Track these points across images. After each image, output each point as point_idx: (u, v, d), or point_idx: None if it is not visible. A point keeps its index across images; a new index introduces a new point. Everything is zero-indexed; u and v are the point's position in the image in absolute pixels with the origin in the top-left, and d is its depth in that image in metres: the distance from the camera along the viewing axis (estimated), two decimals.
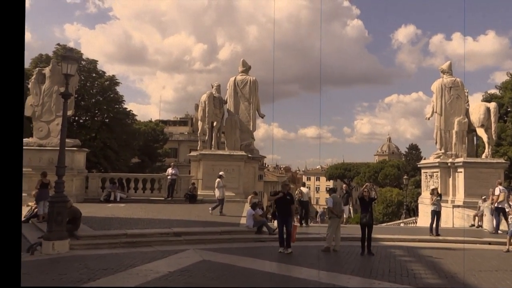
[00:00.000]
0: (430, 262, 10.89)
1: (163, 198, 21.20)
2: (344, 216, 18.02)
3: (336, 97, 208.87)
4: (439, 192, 17.31)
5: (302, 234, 13.79)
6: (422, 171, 26.67)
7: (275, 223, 17.17)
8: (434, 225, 15.23)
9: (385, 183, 72.70)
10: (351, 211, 22.57)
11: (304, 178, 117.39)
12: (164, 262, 9.76)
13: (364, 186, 12.83)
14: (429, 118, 25.06)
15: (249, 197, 20.43)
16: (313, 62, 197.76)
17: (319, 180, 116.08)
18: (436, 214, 15.36)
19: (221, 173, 18.93)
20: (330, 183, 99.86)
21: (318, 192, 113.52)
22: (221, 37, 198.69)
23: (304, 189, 18.88)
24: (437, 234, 15.10)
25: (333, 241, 12.01)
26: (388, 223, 38.48)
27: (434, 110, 24.21)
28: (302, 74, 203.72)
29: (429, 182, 24.72)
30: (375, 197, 13.43)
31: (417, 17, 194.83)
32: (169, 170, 21.82)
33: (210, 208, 17.30)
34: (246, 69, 25.64)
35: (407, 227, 29.32)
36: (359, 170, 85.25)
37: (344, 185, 24.39)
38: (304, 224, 17.15)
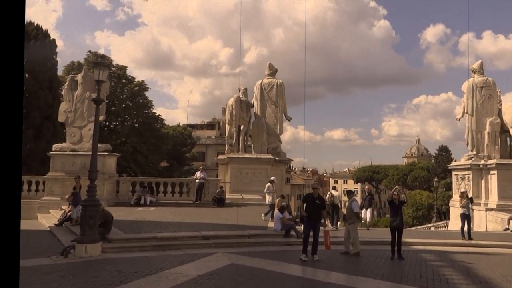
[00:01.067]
0: (463, 267, 10.59)
1: (191, 202, 21.44)
2: (368, 219, 17.64)
3: (363, 98, 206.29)
4: (469, 194, 16.91)
5: (331, 238, 13.66)
6: (453, 173, 25.98)
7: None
8: (465, 229, 14.83)
9: (415, 186, 71.08)
10: (375, 214, 21.79)
11: (331, 181, 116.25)
12: (193, 265, 9.86)
13: (394, 189, 12.60)
14: (459, 119, 24.42)
15: (277, 200, 20.43)
16: (340, 64, 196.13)
17: (346, 183, 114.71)
18: (466, 218, 15.00)
19: (272, 178, 19.01)
20: (358, 186, 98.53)
21: (345, 195, 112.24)
22: (248, 40, 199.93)
23: (335, 192, 18.78)
24: (470, 238, 14.68)
25: (351, 245, 11.87)
26: (418, 227, 37.61)
27: (465, 111, 23.57)
28: (328, 76, 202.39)
29: (460, 184, 24.06)
30: (405, 200, 13.18)
31: (446, 15, 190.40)
32: (198, 174, 22.05)
33: (262, 214, 17.13)
34: (273, 72, 25.70)
35: (438, 231, 28.55)
36: (387, 173, 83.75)
37: (366, 187, 23.83)
38: (334, 227, 17.02)
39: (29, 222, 18.00)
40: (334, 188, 22.99)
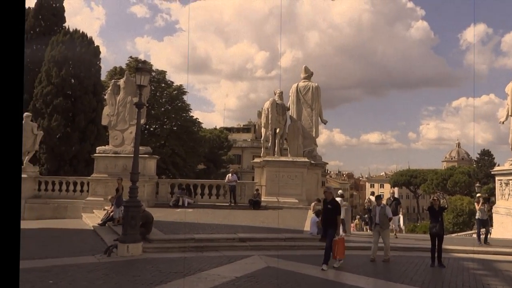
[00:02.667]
0: (508, 276, 10.17)
1: (227, 204, 21.70)
2: (394, 227, 16.23)
3: (400, 101, 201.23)
4: (482, 199, 16.42)
5: (370, 244, 13.50)
6: (497, 178, 24.83)
7: (340, 231, 17.05)
8: (483, 235, 14.80)
9: (455, 191, 68.64)
10: (401, 220, 19.47)
11: (368, 185, 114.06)
12: (230, 267, 10.00)
13: (434, 195, 12.29)
14: (503, 122, 23.33)
15: (312, 204, 20.34)
16: (376, 66, 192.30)
17: (383, 187, 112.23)
18: (482, 223, 14.97)
19: (340, 192, 19.29)
20: (395, 190, 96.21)
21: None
22: (283, 44, 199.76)
23: (373, 198, 18.44)
24: (486, 243, 14.63)
25: (378, 250, 11.65)
26: (459, 234, 36.32)
27: (509, 113, 22.52)
28: (364, 79, 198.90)
29: (504, 190, 22.99)
30: (445, 206, 12.82)
31: (488, 14, 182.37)
32: (229, 176, 22.31)
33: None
34: (308, 75, 25.61)
35: (472, 238, 27.42)
36: (426, 177, 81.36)
37: (391, 190, 23.05)
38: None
39: (74, 222, 18.88)
40: (373, 194, 22.53)
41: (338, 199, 17.78)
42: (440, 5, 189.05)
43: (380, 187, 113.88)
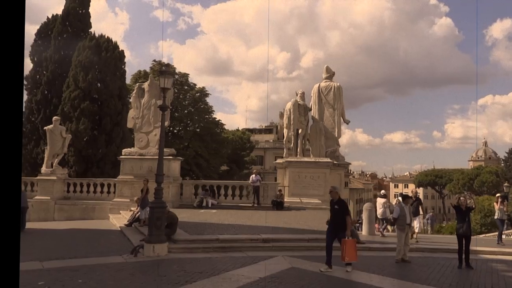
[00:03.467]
0: None
1: (250, 205, 21.79)
2: (415, 229, 15.36)
3: (423, 100, 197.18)
4: (501, 198, 16.02)
5: (391, 245, 13.32)
6: None
7: (363, 230, 16.87)
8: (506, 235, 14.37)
9: (482, 191, 66.86)
10: (421, 222, 18.15)
11: (392, 185, 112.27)
12: (255, 268, 10.04)
13: (461, 194, 12.04)
14: None
15: None
16: (399, 65, 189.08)
17: (407, 187, 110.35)
18: (502, 223, 15.03)
19: (382, 192, 19.34)
20: (420, 191, 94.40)
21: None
22: (304, 44, 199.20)
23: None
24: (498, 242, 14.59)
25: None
26: (487, 235, 35.33)
27: None
28: (387, 77, 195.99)
29: None
30: (473, 206, 12.53)
31: None
32: (253, 177, 22.40)
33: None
34: (330, 75, 25.45)
35: (509, 239, 26.63)
36: (452, 177, 79.53)
37: (412, 190, 22.46)
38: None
39: (101, 222, 19.33)
40: (401, 194, 21.96)
41: (381, 200, 17.76)
42: (465, 1, 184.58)
43: (405, 187, 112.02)
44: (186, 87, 39.20)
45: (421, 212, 15.80)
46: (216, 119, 41.66)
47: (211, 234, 13.57)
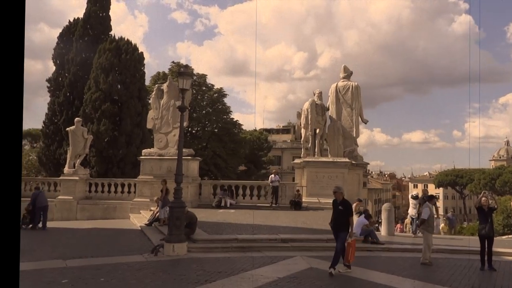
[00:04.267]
0: None
1: (268, 205, 21.83)
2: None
3: (443, 98, 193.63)
4: None
5: (413, 245, 13.20)
6: None
7: (382, 231, 16.72)
8: None
9: (504, 191, 65.26)
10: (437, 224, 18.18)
11: (411, 185, 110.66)
12: (273, 268, 10.07)
13: (482, 194, 11.81)
14: None
15: (354, 204, 20.06)
16: (417, 63, 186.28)
17: (427, 187, 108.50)
18: None
19: (415, 193, 19.38)
20: (440, 191, 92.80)
21: (416, 200, 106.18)
22: (321, 44, 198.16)
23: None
24: None
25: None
26: (510, 236, 34.57)
27: None
28: (405, 76, 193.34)
29: None
30: (496, 206, 12.28)
31: None
32: (272, 177, 22.43)
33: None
34: (348, 74, 25.31)
35: None
36: (473, 177, 77.84)
37: (422, 189, 22.09)
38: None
39: (122, 222, 19.65)
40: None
41: (413, 200, 17.77)
42: None
43: (424, 187, 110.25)
44: (204, 88, 39.49)
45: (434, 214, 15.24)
46: (234, 120, 41.84)
47: (230, 234, 13.66)
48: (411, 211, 17.84)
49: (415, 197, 18.41)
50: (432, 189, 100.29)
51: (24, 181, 25.18)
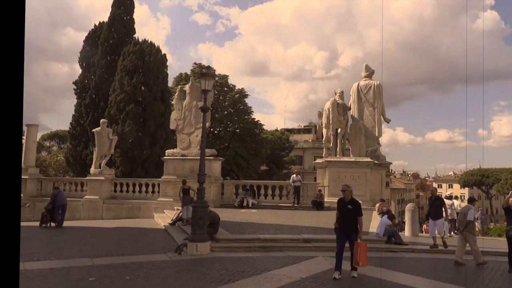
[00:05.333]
0: None
1: (290, 205, 21.83)
2: (437, 234, 13.77)
3: (467, 96, 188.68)
4: None
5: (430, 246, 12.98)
6: None
7: (406, 231, 16.49)
8: None
9: None
10: (445, 225, 15.88)
11: (435, 185, 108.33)
12: (296, 267, 10.09)
13: (510, 193, 11.53)
14: None
15: (377, 204, 19.93)
16: (440, 61, 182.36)
17: (452, 187, 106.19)
18: None
19: (449, 193, 19.23)
20: (465, 191, 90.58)
21: (451, 200, 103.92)
22: (341, 43, 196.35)
23: (456, 202, 18.06)
24: None
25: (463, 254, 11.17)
26: None
27: None
28: (428, 75, 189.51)
29: None
30: None
31: None
32: (294, 177, 22.41)
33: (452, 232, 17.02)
34: (370, 73, 25.04)
35: None
36: (499, 177, 75.70)
37: (432, 188, 21.61)
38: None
39: (147, 221, 19.99)
40: (450, 198, 20.95)
41: (448, 201, 17.68)
42: None
43: (449, 187, 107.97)
44: (225, 89, 39.73)
45: (443, 215, 13.84)
46: (255, 120, 41.94)
47: (252, 233, 13.72)
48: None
49: (449, 198, 18.26)
50: (457, 189, 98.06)
51: (52, 181, 25.96)
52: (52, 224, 17.96)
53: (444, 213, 13.84)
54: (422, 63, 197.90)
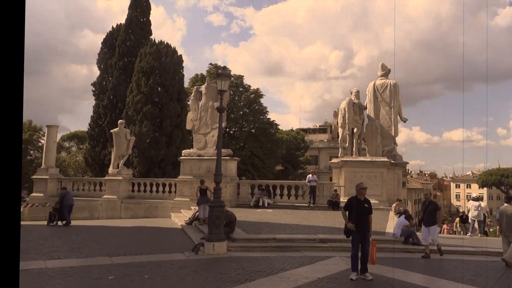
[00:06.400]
0: None
1: (306, 205, 21.80)
2: (430, 241, 12.82)
3: (486, 95, 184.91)
4: None
5: (455, 247, 12.82)
6: None
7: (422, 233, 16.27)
8: None
9: None
10: (436, 232, 15.68)
11: (453, 185, 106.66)
12: (312, 268, 10.09)
13: None
14: None
15: (394, 204, 19.75)
16: (458, 59, 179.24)
17: (470, 187, 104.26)
18: None
19: (475, 194, 19.71)
20: (484, 191, 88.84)
21: (469, 200, 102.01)
22: (357, 42, 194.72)
23: (482, 203, 18.09)
24: None
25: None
26: None
27: None
28: (445, 73, 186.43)
29: None
30: None
31: None
32: (309, 177, 22.37)
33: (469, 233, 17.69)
34: (386, 72, 24.81)
35: None
36: None
37: (425, 191, 21.40)
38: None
39: (164, 221, 20.21)
40: (475, 199, 20.07)
41: (475, 202, 17.74)
42: None
43: (467, 187, 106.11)
44: (241, 89, 39.85)
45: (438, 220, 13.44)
46: (271, 120, 41.96)
47: (268, 233, 13.76)
48: (473, 212, 18.22)
49: (476, 199, 18.24)
50: (475, 189, 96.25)
51: (72, 181, 26.47)
52: (60, 222, 18.55)
53: (438, 219, 13.17)
54: (439, 61, 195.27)
